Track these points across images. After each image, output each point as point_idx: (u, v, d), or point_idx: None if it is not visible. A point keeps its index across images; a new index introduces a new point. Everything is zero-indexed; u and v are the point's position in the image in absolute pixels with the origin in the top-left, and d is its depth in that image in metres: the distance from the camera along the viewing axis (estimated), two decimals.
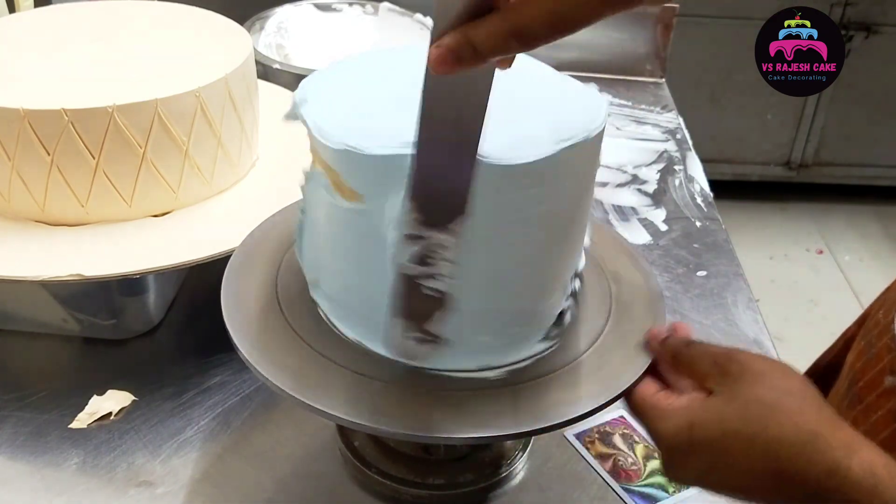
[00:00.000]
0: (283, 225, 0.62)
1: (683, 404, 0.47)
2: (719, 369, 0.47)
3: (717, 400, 0.46)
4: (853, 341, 0.76)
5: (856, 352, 0.71)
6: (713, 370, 0.47)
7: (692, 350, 0.49)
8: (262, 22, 1.11)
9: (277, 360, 0.51)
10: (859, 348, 0.70)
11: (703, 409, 0.46)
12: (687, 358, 0.49)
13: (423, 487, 0.59)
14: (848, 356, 0.73)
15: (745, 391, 0.45)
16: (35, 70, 0.71)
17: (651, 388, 0.50)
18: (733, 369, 0.46)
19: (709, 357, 0.48)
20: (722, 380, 0.46)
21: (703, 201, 0.99)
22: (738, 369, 0.46)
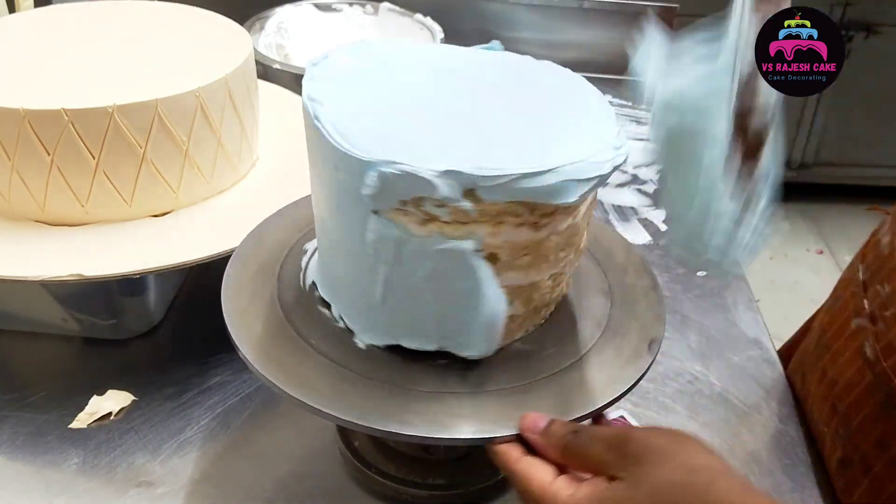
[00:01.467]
0: (283, 225, 0.62)
1: (588, 494, 0.43)
2: (617, 453, 0.43)
3: (623, 486, 0.42)
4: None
5: (823, 310, 0.73)
6: (610, 456, 0.44)
7: (581, 438, 0.45)
8: (262, 22, 1.11)
9: (277, 361, 0.51)
10: (826, 305, 0.73)
11: (610, 499, 0.42)
12: (576, 450, 0.45)
13: (423, 487, 0.59)
14: (816, 319, 0.75)
15: (651, 475, 0.42)
16: (35, 70, 0.71)
17: (546, 475, 0.45)
18: (633, 450, 0.43)
19: (601, 443, 0.44)
20: (622, 464, 0.43)
21: None
22: (638, 449, 0.43)
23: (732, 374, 0.74)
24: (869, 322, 0.63)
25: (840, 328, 0.67)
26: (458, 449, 0.61)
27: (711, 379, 0.73)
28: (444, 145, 0.46)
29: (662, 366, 0.74)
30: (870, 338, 0.62)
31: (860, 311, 0.64)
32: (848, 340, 0.65)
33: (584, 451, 0.45)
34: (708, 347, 0.77)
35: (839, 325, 0.68)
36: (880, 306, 0.62)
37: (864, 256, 0.67)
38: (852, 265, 0.71)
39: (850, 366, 0.64)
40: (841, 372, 0.65)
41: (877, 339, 0.61)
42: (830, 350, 0.67)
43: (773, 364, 0.76)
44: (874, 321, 0.62)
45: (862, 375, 0.62)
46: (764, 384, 0.73)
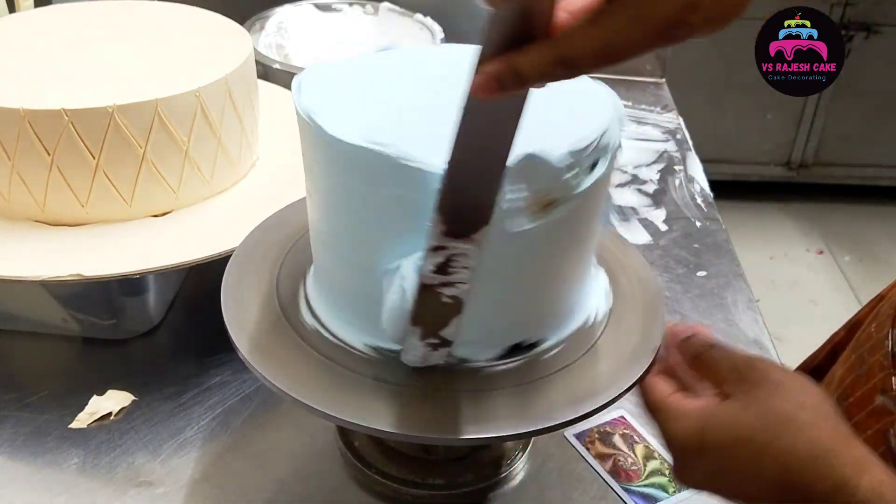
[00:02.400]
0: (283, 225, 0.62)
1: (698, 406, 0.46)
2: (738, 375, 0.46)
3: (733, 405, 0.45)
4: (841, 348, 0.75)
5: (846, 365, 0.69)
6: (732, 375, 0.47)
7: (714, 353, 0.49)
8: (262, 22, 1.11)
9: (277, 361, 0.51)
10: (850, 362, 0.69)
11: (717, 413, 0.46)
12: (708, 360, 0.49)
13: (422, 487, 0.59)
14: (836, 368, 0.71)
15: (762, 400, 0.45)
16: (35, 70, 0.71)
17: (667, 388, 0.49)
18: (753, 376, 0.46)
19: (729, 361, 0.48)
20: (740, 385, 0.46)
21: (703, 201, 0.99)
22: (758, 377, 0.46)
23: None
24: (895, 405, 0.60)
25: (863, 399, 0.64)
26: (458, 449, 0.61)
27: None
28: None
29: None
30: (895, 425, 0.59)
31: (887, 389, 0.61)
32: (870, 418, 0.62)
33: (712, 363, 0.48)
34: None
35: (862, 396, 0.64)
36: None
37: (895, 320, 0.63)
38: (880, 321, 0.66)
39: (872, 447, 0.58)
40: None
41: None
42: (852, 420, 0.63)
43: None
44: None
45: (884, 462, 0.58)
46: None
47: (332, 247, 0.53)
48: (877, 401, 0.62)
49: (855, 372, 0.67)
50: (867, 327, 0.69)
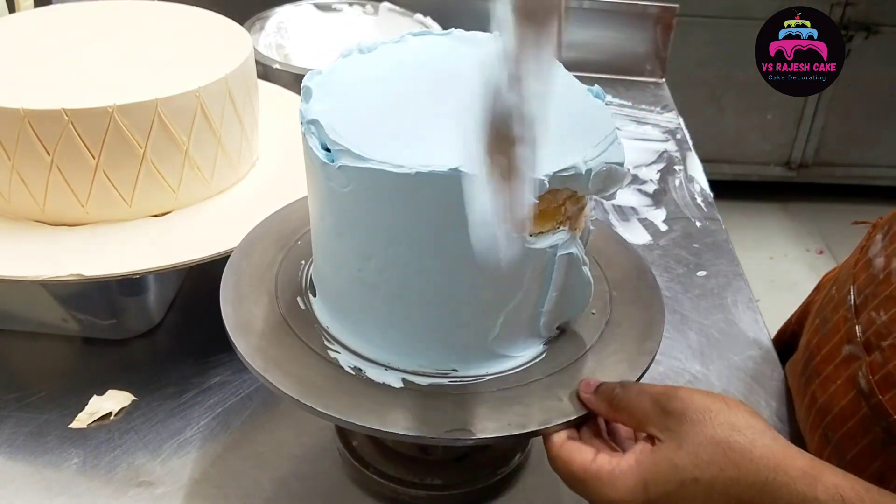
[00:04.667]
0: (282, 224, 0.62)
1: (631, 463, 0.44)
2: (660, 410, 0.45)
3: (666, 448, 0.44)
4: (808, 308, 0.77)
5: (811, 330, 0.70)
6: (653, 412, 0.45)
7: (628, 393, 0.47)
8: (262, 22, 1.11)
9: (276, 361, 0.51)
10: (814, 326, 0.70)
11: (653, 462, 0.44)
12: (623, 402, 0.47)
13: (421, 488, 0.59)
14: (802, 337, 0.72)
15: (693, 433, 0.43)
16: (35, 70, 0.71)
17: (587, 454, 0.46)
18: (675, 408, 0.44)
19: (646, 398, 0.46)
20: (665, 423, 0.44)
21: (703, 201, 0.99)
22: (680, 408, 0.44)
23: (732, 374, 0.74)
24: (863, 351, 0.60)
25: (830, 353, 0.65)
26: (456, 449, 0.61)
27: (711, 379, 0.73)
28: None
29: (662, 366, 0.74)
30: (864, 367, 0.59)
31: (852, 338, 0.62)
32: (839, 368, 0.63)
33: (630, 403, 0.46)
34: (708, 347, 0.77)
35: (829, 350, 0.65)
36: (876, 335, 0.59)
37: (855, 278, 0.65)
38: (840, 282, 0.68)
39: (843, 395, 0.61)
40: (832, 400, 0.62)
41: (871, 369, 0.59)
42: (820, 376, 0.65)
43: (773, 364, 0.76)
44: (868, 350, 0.60)
45: (856, 407, 0.60)
46: (764, 384, 0.73)
47: (329, 252, 0.53)
48: (844, 351, 0.63)
49: (820, 332, 0.67)
50: (828, 291, 0.70)
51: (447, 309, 0.50)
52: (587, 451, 0.46)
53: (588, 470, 0.45)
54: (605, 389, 0.48)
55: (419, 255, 0.48)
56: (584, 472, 0.45)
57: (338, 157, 0.47)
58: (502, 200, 0.41)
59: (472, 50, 0.57)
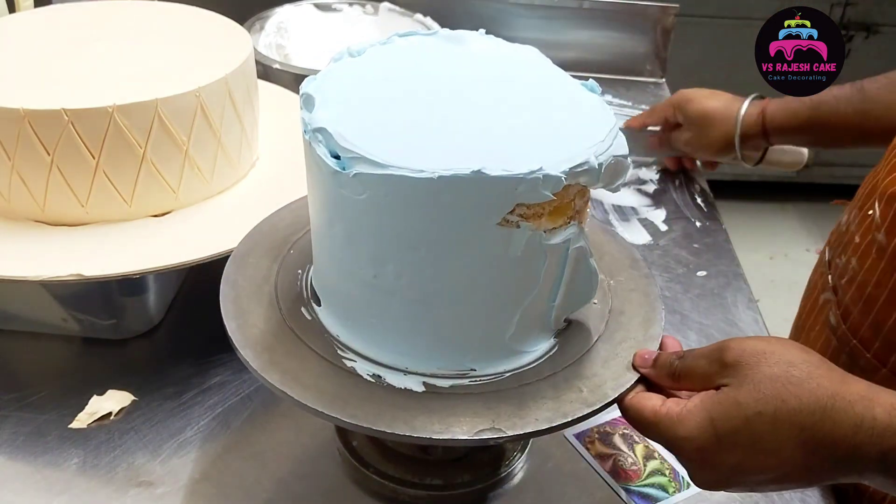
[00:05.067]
0: (282, 224, 0.62)
1: (697, 403, 0.47)
2: (717, 364, 0.47)
3: (728, 390, 0.46)
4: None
5: (801, 299, 0.79)
6: (711, 368, 0.47)
7: (686, 362, 0.50)
8: (262, 22, 1.11)
9: (277, 361, 0.51)
10: (802, 300, 0.78)
11: (718, 402, 0.46)
12: (683, 370, 0.49)
13: (421, 488, 0.59)
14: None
15: (752, 373, 0.45)
16: (35, 70, 0.71)
17: (656, 401, 0.49)
18: (730, 357, 0.47)
19: (703, 359, 0.48)
20: (724, 372, 0.47)
21: (703, 201, 0.99)
22: (735, 355, 0.46)
23: None
24: (832, 294, 0.68)
25: (811, 307, 0.72)
26: (455, 449, 0.61)
27: None
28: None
29: None
30: (833, 307, 0.65)
31: (826, 287, 0.69)
32: (818, 315, 0.70)
33: (690, 370, 0.49)
34: None
35: (810, 304, 0.73)
36: (839, 277, 0.66)
37: (829, 240, 0.72)
38: (822, 250, 0.75)
39: (819, 337, 0.68)
40: (812, 345, 0.66)
41: (838, 306, 0.66)
42: (805, 328, 0.71)
43: None
44: (836, 292, 0.66)
45: (828, 342, 0.66)
46: None
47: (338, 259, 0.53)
48: (820, 299, 0.69)
49: (805, 294, 0.75)
50: (816, 264, 0.78)
51: (466, 310, 0.50)
52: (656, 398, 0.49)
53: (658, 413, 0.48)
54: (664, 362, 0.51)
55: (439, 258, 0.48)
56: (655, 416, 0.48)
57: (351, 165, 0.46)
58: None
59: (460, 48, 0.57)
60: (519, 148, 0.48)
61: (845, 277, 0.66)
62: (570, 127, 0.50)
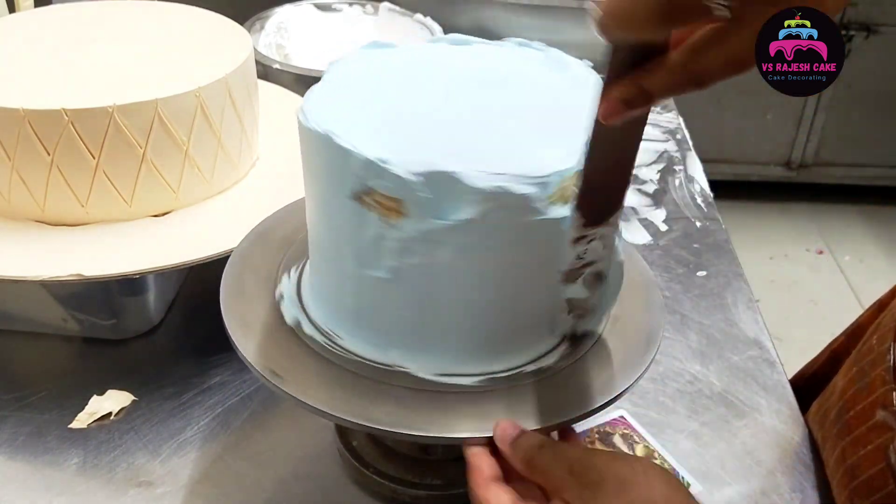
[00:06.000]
0: (282, 224, 0.62)
1: None
2: (577, 479, 0.43)
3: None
4: (840, 353, 0.74)
5: (847, 377, 0.67)
6: (570, 480, 0.44)
7: (545, 455, 0.45)
8: (262, 22, 1.11)
9: (277, 360, 0.51)
10: (851, 374, 0.67)
11: None
12: (540, 465, 0.45)
13: (421, 487, 0.59)
14: (837, 378, 0.70)
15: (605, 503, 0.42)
16: (35, 70, 0.71)
17: (505, 500, 0.45)
18: (591, 478, 0.43)
19: (564, 463, 0.44)
20: (579, 492, 0.43)
21: (703, 201, 0.99)
22: (597, 478, 0.43)
23: (732, 374, 0.74)
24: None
25: (864, 413, 0.62)
26: (456, 449, 0.60)
27: (711, 379, 0.73)
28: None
29: (662, 366, 0.74)
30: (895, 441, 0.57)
31: (888, 404, 0.59)
32: (871, 432, 0.60)
33: (545, 468, 0.45)
34: (708, 347, 0.77)
35: (863, 409, 0.62)
36: None
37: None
38: (882, 332, 0.64)
39: (872, 463, 0.59)
40: (861, 465, 0.60)
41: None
42: (852, 434, 0.62)
43: (773, 364, 0.76)
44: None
45: (885, 481, 0.57)
46: (764, 384, 0.73)
47: (324, 251, 0.53)
48: (878, 416, 0.60)
49: (856, 384, 0.64)
50: (868, 339, 0.67)
51: (465, 308, 0.50)
52: (505, 498, 0.45)
53: None
54: (524, 446, 0.46)
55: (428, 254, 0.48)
56: None
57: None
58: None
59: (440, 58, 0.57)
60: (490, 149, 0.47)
61: None
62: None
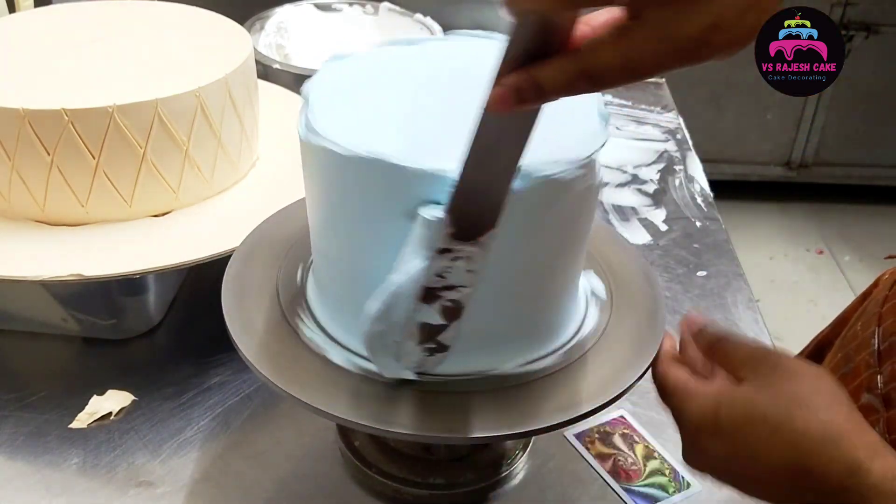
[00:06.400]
0: (283, 224, 0.62)
1: (713, 388, 0.47)
2: (754, 361, 0.47)
3: (749, 387, 0.46)
4: (826, 345, 0.75)
5: (832, 363, 0.69)
6: (748, 361, 0.47)
7: (730, 342, 0.49)
8: (262, 22, 1.11)
9: (278, 360, 0.51)
10: (836, 360, 0.68)
11: (732, 393, 0.46)
12: (724, 348, 0.49)
13: (423, 487, 0.59)
14: (826, 361, 0.71)
15: (778, 383, 0.45)
16: (35, 70, 0.71)
17: (682, 373, 0.49)
18: (769, 362, 0.46)
19: (745, 350, 0.48)
20: (755, 370, 0.46)
21: (703, 201, 0.99)
22: (774, 363, 0.46)
23: None
24: (881, 404, 0.59)
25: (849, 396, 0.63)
26: (458, 448, 0.61)
27: None
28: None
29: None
30: (881, 423, 0.58)
31: (872, 387, 0.61)
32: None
33: (728, 352, 0.48)
34: None
35: (849, 393, 0.61)
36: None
37: (882, 318, 0.63)
38: (866, 319, 0.65)
39: None
40: None
41: (888, 427, 0.58)
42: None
43: None
44: (888, 405, 0.58)
45: None
46: None
47: (327, 252, 0.53)
48: (863, 399, 0.61)
49: (841, 370, 0.66)
50: (853, 325, 0.68)
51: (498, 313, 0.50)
52: (682, 371, 0.50)
53: (678, 385, 0.49)
54: (708, 336, 0.50)
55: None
56: (675, 387, 0.49)
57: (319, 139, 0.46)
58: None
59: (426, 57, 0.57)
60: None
61: None
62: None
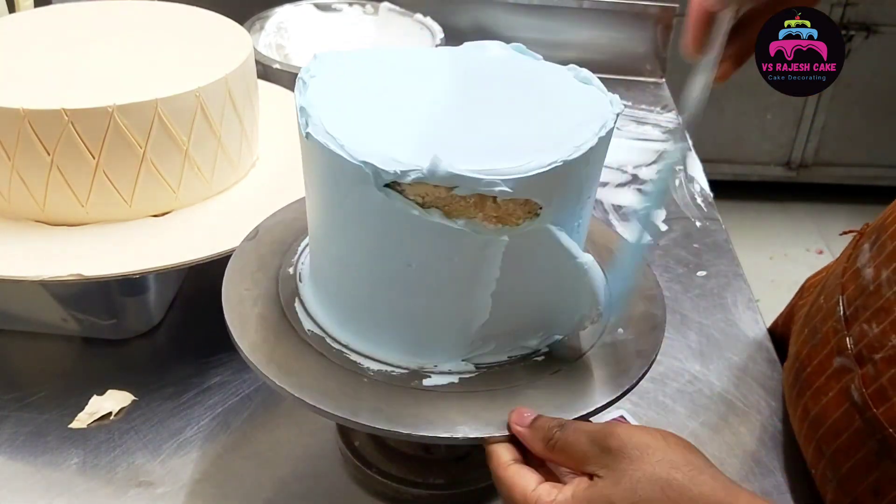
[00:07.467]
0: (283, 224, 0.62)
1: (567, 496, 0.43)
2: (598, 448, 0.44)
3: (603, 484, 0.43)
4: (784, 333, 0.77)
5: (799, 340, 0.69)
6: (591, 450, 0.44)
7: (565, 432, 0.45)
8: (262, 22, 1.11)
9: (278, 360, 0.51)
10: (803, 335, 0.68)
11: (588, 498, 0.43)
12: (561, 442, 0.45)
13: (423, 487, 0.59)
14: (790, 346, 0.72)
15: (631, 470, 0.42)
16: (35, 70, 0.71)
17: (531, 481, 0.45)
18: (614, 445, 0.43)
19: (584, 436, 0.45)
20: (603, 460, 0.43)
21: (703, 201, 0.99)
22: (618, 445, 0.43)
23: (732, 374, 0.74)
24: (854, 363, 0.59)
25: (821, 365, 0.63)
26: (458, 448, 0.61)
27: (711, 379, 0.73)
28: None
29: (662, 366, 0.74)
30: (856, 380, 0.58)
31: (843, 350, 0.60)
32: (830, 379, 0.62)
33: (567, 444, 0.45)
34: (708, 347, 0.77)
35: (819, 362, 0.64)
36: (868, 348, 0.58)
37: (844, 288, 0.63)
38: (828, 291, 0.66)
39: (835, 408, 0.60)
40: (825, 413, 0.61)
41: (864, 382, 0.57)
42: (812, 387, 0.64)
43: (774, 364, 0.76)
44: (861, 362, 0.58)
45: (850, 420, 0.58)
46: (764, 384, 0.73)
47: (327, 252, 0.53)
48: (835, 363, 0.61)
49: (810, 343, 0.66)
50: (816, 300, 0.69)
51: (465, 304, 0.50)
52: (531, 478, 0.45)
53: (529, 497, 0.44)
54: (542, 426, 0.46)
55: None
56: (524, 498, 0.44)
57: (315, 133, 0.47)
58: None
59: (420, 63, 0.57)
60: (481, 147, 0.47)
61: (880, 353, 0.57)
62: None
